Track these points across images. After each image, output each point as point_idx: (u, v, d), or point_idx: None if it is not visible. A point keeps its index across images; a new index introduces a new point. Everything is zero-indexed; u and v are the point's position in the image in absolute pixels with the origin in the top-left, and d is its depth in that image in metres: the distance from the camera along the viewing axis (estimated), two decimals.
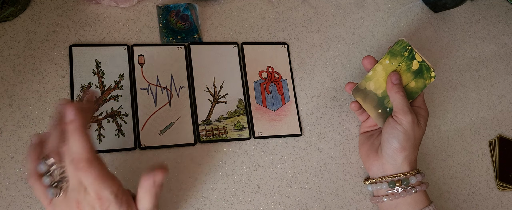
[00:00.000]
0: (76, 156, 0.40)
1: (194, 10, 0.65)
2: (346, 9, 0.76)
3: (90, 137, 0.40)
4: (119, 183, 0.43)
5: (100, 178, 0.41)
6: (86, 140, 0.40)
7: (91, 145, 0.40)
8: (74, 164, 0.40)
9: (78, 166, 0.40)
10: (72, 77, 0.58)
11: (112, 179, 0.42)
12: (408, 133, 0.58)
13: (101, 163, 0.41)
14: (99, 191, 0.41)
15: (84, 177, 0.40)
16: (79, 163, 0.40)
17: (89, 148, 0.40)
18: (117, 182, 0.43)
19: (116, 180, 0.43)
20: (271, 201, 0.62)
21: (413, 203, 0.60)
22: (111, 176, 0.42)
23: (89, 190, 0.41)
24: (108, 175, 0.42)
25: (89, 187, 0.41)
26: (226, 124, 0.63)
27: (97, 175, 0.40)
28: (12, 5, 0.56)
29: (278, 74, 0.68)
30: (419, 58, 0.61)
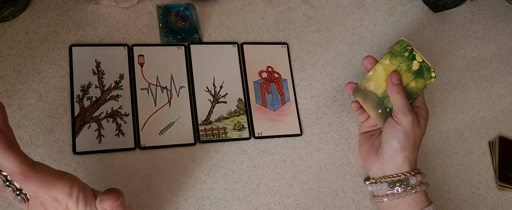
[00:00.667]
0: (10, 172, 0.40)
1: (194, 10, 0.65)
2: (346, 9, 0.76)
3: (17, 151, 0.39)
4: (72, 181, 0.42)
5: (44, 184, 0.41)
6: (12, 155, 0.39)
7: (21, 158, 0.39)
8: (13, 178, 0.40)
9: (17, 180, 0.40)
10: (72, 77, 0.58)
11: (60, 180, 0.42)
12: (408, 133, 0.58)
13: (40, 170, 0.41)
14: (50, 194, 0.42)
15: (29, 187, 0.41)
16: (16, 177, 0.40)
17: (19, 162, 0.39)
18: (67, 181, 0.42)
19: (66, 179, 0.42)
20: (271, 201, 0.62)
21: (413, 203, 0.60)
22: (59, 176, 0.42)
23: (41, 195, 0.42)
24: (54, 178, 0.41)
25: (39, 194, 0.42)
26: (226, 124, 0.63)
27: (39, 182, 0.40)
28: (12, 5, 0.56)
29: (278, 74, 0.68)
30: (420, 59, 0.61)
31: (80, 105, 0.57)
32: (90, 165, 0.56)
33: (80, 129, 0.57)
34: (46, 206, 0.44)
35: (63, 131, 0.56)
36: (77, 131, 0.57)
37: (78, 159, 0.56)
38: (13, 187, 0.44)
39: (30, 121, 0.56)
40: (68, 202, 0.43)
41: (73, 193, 0.43)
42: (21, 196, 0.44)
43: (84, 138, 0.57)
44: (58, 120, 0.57)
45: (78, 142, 0.56)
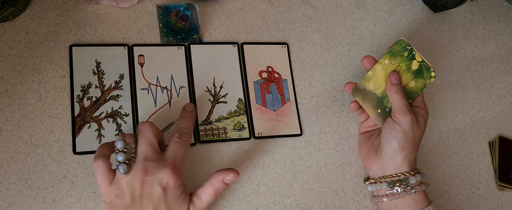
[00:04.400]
0: (181, 129, 0.54)
1: (194, 10, 0.65)
2: (346, 9, 0.76)
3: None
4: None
5: (184, 154, 0.52)
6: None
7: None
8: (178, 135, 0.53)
9: (181, 136, 0.53)
10: (72, 77, 0.58)
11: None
12: (407, 133, 0.58)
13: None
14: (178, 158, 0.51)
15: (176, 144, 0.52)
16: (182, 134, 0.53)
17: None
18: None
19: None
20: (271, 201, 0.62)
21: (412, 203, 0.60)
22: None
23: (168, 155, 0.51)
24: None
25: (171, 153, 0.51)
26: (226, 124, 0.63)
27: (185, 150, 0.53)
28: (12, 5, 0.56)
29: (278, 74, 0.68)
30: (419, 58, 0.61)
31: (80, 105, 0.58)
32: (90, 165, 0.56)
33: (80, 129, 0.57)
34: (149, 171, 0.49)
35: (63, 131, 0.56)
36: (77, 131, 0.57)
37: (78, 159, 0.56)
38: (126, 155, 0.49)
39: (30, 121, 0.56)
40: (179, 176, 0.51)
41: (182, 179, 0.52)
42: (126, 166, 0.49)
43: (84, 138, 0.57)
44: (58, 120, 0.57)
45: (78, 142, 0.56)
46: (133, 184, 0.49)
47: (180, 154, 0.52)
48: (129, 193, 0.49)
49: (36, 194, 0.53)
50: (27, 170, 0.54)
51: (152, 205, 0.49)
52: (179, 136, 0.53)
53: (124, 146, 0.49)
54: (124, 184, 0.49)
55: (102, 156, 0.50)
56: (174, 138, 0.53)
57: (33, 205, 0.53)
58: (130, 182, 0.49)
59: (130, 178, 0.49)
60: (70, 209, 0.54)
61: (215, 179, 0.53)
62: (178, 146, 0.52)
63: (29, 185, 0.54)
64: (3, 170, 0.53)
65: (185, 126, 0.55)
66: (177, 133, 0.54)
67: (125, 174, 0.49)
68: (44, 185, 0.54)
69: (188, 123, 0.55)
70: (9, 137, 0.55)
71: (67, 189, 0.55)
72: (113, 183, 0.49)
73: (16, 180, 0.53)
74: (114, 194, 0.49)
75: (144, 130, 0.51)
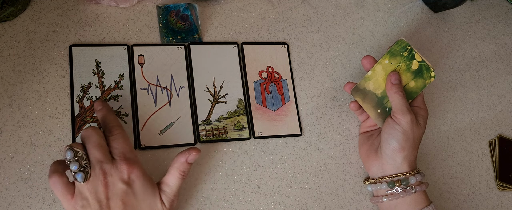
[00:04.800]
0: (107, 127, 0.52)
1: (194, 10, 0.65)
2: (346, 9, 0.76)
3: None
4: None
5: (127, 145, 0.51)
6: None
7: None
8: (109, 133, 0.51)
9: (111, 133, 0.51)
10: (72, 77, 0.58)
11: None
12: (407, 133, 0.58)
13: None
14: (125, 151, 0.50)
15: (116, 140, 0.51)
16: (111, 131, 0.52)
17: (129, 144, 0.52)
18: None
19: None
20: (271, 201, 0.62)
21: (412, 203, 0.60)
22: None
23: (115, 153, 0.50)
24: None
25: (116, 150, 0.50)
26: (226, 124, 0.63)
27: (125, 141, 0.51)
28: (12, 5, 0.56)
29: (278, 74, 0.68)
30: (419, 58, 0.61)
31: (80, 105, 0.58)
32: None
33: (80, 129, 0.57)
34: (107, 173, 0.48)
35: (63, 131, 0.56)
36: (77, 131, 0.57)
37: None
38: (79, 163, 0.48)
39: (30, 121, 0.56)
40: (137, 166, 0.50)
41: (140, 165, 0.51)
42: (83, 173, 0.47)
43: None
44: (58, 120, 0.57)
45: None
46: (96, 189, 0.48)
47: (124, 146, 0.51)
48: (94, 199, 0.48)
49: (36, 194, 0.53)
50: (27, 170, 0.54)
51: (122, 203, 0.49)
52: (110, 133, 0.52)
53: (73, 155, 0.47)
54: (87, 191, 0.48)
55: (56, 171, 0.48)
56: (108, 137, 0.51)
57: (33, 205, 0.53)
58: (92, 188, 0.48)
59: (91, 184, 0.48)
60: None
61: (178, 161, 0.53)
62: (117, 141, 0.51)
63: (29, 185, 0.54)
64: (3, 170, 0.53)
65: (107, 122, 0.53)
66: (106, 132, 0.52)
67: (84, 182, 0.47)
68: (44, 185, 0.54)
69: (108, 117, 0.54)
70: (9, 137, 0.55)
71: None
72: (75, 195, 0.48)
73: (16, 180, 0.53)
74: (80, 205, 0.48)
75: (89, 135, 0.50)
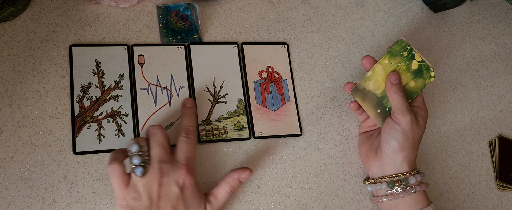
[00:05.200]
0: (186, 128, 0.55)
1: (194, 10, 0.65)
2: (346, 9, 0.76)
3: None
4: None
5: (193, 153, 0.54)
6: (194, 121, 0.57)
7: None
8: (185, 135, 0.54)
9: (187, 135, 0.54)
10: (72, 77, 0.58)
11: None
12: (407, 133, 0.58)
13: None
14: (189, 158, 0.53)
15: (185, 143, 0.54)
16: (188, 133, 0.55)
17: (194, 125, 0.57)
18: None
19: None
20: (271, 201, 0.62)
21: (412, 203, 0.60)
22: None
23: (179, 156, 0.53)
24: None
25: (182, 154, 0.53)
26: (226, 124, 0.63)
27: (193, 148, 0.55)
28: (12, 5, 0.56)
29: (278, 74, 0.68)
30: (419, 58, 0.61)
31: (80, 105, 0.58)
32: (90, 165, 0.56)
33: (80, 129, 0.57)
34: (164, 173, 0.51)
35: (63, 131, 0.56)
36: (77, 131, 0.57)
37: (78, 159, 0.56)
38: (142, 158, 0.50)
39: (30, 121, 0.56)
40: (193, 177, 0.53)
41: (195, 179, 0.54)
42: (143, 168, 0.50)
43: (84, 138, 0.57)
44: (58, 120, 0.57)
45: (78, 142, 0.56)
46: (150, 186, 0.50)
47: (190, 153, 0.54)
48: (146, 195, 0.50)
49: (36, 194, 0.54)
50: (27, 170, 0.54)
51: (171, 205, 0.51)
52: (186, 135, 0.55)
53: (138, 149, 0.51)
54: (141, 186, 0.50)
55: (116, 159, 0.51)
56: (181, 137, 0.55)
57: (33, 205, 0.53)
58: (147, 184, 0.50)
59: (147, 180, 0.50)
60: (70, 209, 0.54)
61: (231, 177, 0.56)
62: (187, 145, 0.54)
63: (29, 185, 0.54)
64: (3, 170, 0.53)
65: (189, 124, 0.56)
66: (183, 132, 0.55)
67: (141, 177, 0.50)
68: (44, 185, 0.54)
69: (191, 120, 0.57)
70: (9, 137, 0.55)
71: (67, 189, 0.55)
72: (129, 186, 0.50)
73: (16, 180, 0.53)
74: (131, 196, 0.50)
75: (155, 133, 0.53)
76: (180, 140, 0.54)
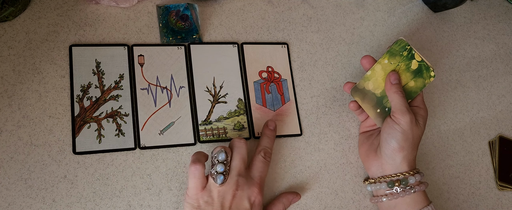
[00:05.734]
0: (265, 149, 0.58)
1: (194, 10, 0.65)
2: (346, 9, 0.76)
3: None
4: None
5: (266, 174, 0.57)
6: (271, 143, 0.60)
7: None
8: (263, 155, 0.57)
9: (265, 156, 0.57)
10: (72, 77, 0.58)
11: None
12: (407, 133, 0.58)
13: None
14: (263, 178, 0.56)
15: (262, 163, 0.57)
16: (266, 154, 0.57)
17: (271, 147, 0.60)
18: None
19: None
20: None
21: (412, 203, 0.60)
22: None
23: (254, 174, 0.56)
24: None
25: (257, 173, 0.56)
26: (226, 124, 0.63)
27: (267, 169, 0.57)
28: (12, 5, 0.56)
29: (278, 74, 0.68)
30: (419, 58, 0.61)
31: (80, 105, 0.58)
32: (90, 165, 0.56)
33: (80, 129, 0.57)
34: (240, 186, 0.53)
35: (63, 131, 0.56)
36: (77, 131, 0.57)
37: (78, 159, 0.56)
38: (225, 167, 0.53)
39: (30, 121, 0.56)
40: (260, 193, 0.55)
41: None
42: (224, 176, 0.52)
43: (84, 138, 0.57)
44: (58, 120, 0.57)
45: (78, 142, 0.56)
46: (224, 195, 0.52)
47: (264, 173, 0.57)
48: (219, 203, 0.52)
49: (36, 194, 0.54)
50: (27, 170, 0.54)
51: None
52: (264, 155, 0.58)
53: (225, 158, 0.53)
54: (217, 193, 0.52)
55: (200, 161, 0.52)
56: (259, 156, 0.57)
57: (33, 205, 0.53)
58: (222, 192, 0.52)
59: (223, 189, 0.52)
60: (70, 209, 0.54)
61: (286, 198, 0.60)
62: (263, 166, 0.57)
63: (29, 185, 0.54)
64: (3, 170, 0.53)
65: (268, 145, 0.59)
66: (262, 152, 0.58)
67: (220, 185, 0.52)
68: (44, 185, 0.54)
69: (271, 142, 0.60)
70: (9, 137, 0.55)
71: (67, 189, 0.55)
72: (206, 190, 0.52)
73: (16, 180, 0.53)
74: (204, 200, 0.52)
75: (240, 147, 0.55)
76: (258, 159, 0.57)
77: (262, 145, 0.59)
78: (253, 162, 0.57)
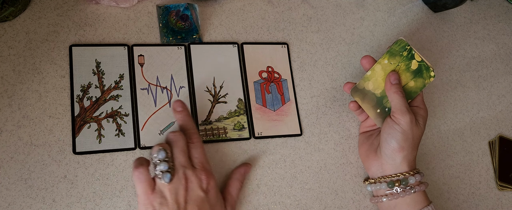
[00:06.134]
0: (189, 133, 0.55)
1: (194, 10, 0.65)
2: (346, 9, 0.76)
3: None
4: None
5: (205, 155, 0.55)
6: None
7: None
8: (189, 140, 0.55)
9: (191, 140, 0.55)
10: (72, 77, 0.58)
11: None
12: (407, 133, 0.58)
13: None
14: (203, 161, 0.54)
15: (196, 148, 0.54)
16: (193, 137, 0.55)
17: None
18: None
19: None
20: (271, 201, 0.62)
21: (412, 203, 0.60)
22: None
23: (194, 161, 0.54)
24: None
25: (196, 159, 0.54)
26: (226, 124, 0.63)
27: (203, 150, 0.55)
28: (12, 5, 0.56)
29: (278, 74, 0.68)
30: (418, 58, 0.61)
31: (80, 105, 0.58)
32: (90, 165, 0.56)
33: (80, 129, 0.57)
34: (189, 178, 0.52)
35: (63, 131, 0.56)
36: (77, 131, 0.57)
37: (78, 159, 0.56)
38: (169, 165, 0.51)
39: (30, 121, 0.56)
40: (212, 176, 0.54)
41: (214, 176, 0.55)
42: (170, 174, 0.51)
43: (84, 138, 0.57)
44: (58, 120, 0.57)
45: (78, 142, 0.56)
46: (177, 191, 0.51)
47: (202, 156, 0.55)
48: (173, 200, 0.51)
49: (36, 194, 0.54)
50: (27, 170, 0.54)
51: (198, 209, 0.52)
52: (190, 139, 0.55)
53: (166, 155, 0.51)
54: (168, 192, 0.51)
55: (142, 165, 0.51)
56: (189, 144, 0.55)
57: (33, 205, 0.53)
58: (173, 189, 0.51)
59: (173, 186, 0.51)
60: (70, 209, 0.54)
61: (238, 173, 0.59)
62: (197, 150, 0.55)
63: (29, 185, 0.54)
64: (3, 170, 0.53)
65: (188, 127, 0.56)
66: (188, 137, 0.55)
67: (169, 183, 0.51)
68: (44, 185, 0.54)
69: (188, 122, 0.57)
70: (9, 137, 0.55)
71: (67, 189, 0.55)
72: (156, 191, 0.51)
73: (16, 180, 0.53)
74: (158, 201, 0.50)
75: (177, 140, 0.53)
76: (190, 146, 0.55)
77: (182, 129, 0.56)
78: (189, 151, 0.55)
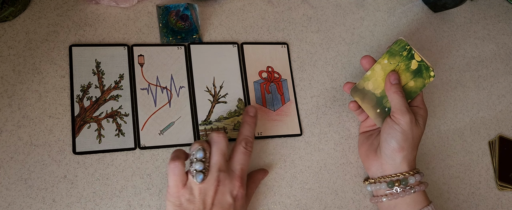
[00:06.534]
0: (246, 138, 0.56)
1: (194, 10, 0.66)
2: (346, 9, 0.76)
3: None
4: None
5: (248, 165, 0.55)
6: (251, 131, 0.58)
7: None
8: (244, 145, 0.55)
9: (246, 146, 0.55)
10: (72, 77, 0.58)
11: None
12: (406, 133, 0.58)
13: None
14: (244, 170, 0.54)
15: (243, 155, 0.55)
16: (247, 144, 0.55)
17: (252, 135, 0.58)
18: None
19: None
20: (271, 201, 0.62)
21: (412, 203, 0.60)
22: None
23: (235, 166, 0.54)
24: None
25: (239, 165, 0.54)
26: (226, 124, 0.63)
27: (249, 160, 0.55)
28: (12, 5, 0.56)
29: (278, 74, 0.68)
30: (418, 58, 0.61)
31: (80, 105, 0.58)
32: (90, 165, 0.56)
33: (80, 129, 0.57)
34: (221, 181, 0.52)
35: (63, 131, 0.56)
36: (77, 131, 0.57)
37: (78, 159, 0.56)
38: (204, 165, 0.51)
39: (30, 121, 0.56)
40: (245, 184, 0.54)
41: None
42: (204, 174, 0.51)
43: (84, 138, 0.57)
44: (58, 120, 0.57)
45: (78, 142, 0.56)
46: (206, 192, 0.51)
47: (246, 165, 0.55)
48: (201, 200, 0.51)
49: (36, 194, 0.54)
50: (27, 170, 0.54)
51: None
52: (245, 145, 0.56)
53: (204, 155, 0.52)
54: (198, 190, 0.51)
55: (179, 158, 0.51)
56: (240, 147, 0.55)
57: (33, 205, 0.53)
58: (203, 189, 0.51)
59: (204, 186, 0.51)
60: (70, 209, 0.54)
61: (257, 179, 0.60)
62: (244, 157, 0.55)
63: (29, 185, 0.54)
64: (3, 170, 0.53)
65: (249, 134, 0.57)
66: (243, 142, 0.56)
67: (200, 183, 0.51)
68: (44, 185, 0.54)
69: (252, 130, 0.58)
70: (9, 137, 0.55)
71: (67, 189, 0.55)
72: (186, 187, 0.51)
73: (16, 180, 0.53)
74: (186, 197, 0.51)
75: (219, 141, 0.53)
76: (239, 150, 0.55)
77: (243, 134, 0.57)
78: (234, 154, 0.55)
